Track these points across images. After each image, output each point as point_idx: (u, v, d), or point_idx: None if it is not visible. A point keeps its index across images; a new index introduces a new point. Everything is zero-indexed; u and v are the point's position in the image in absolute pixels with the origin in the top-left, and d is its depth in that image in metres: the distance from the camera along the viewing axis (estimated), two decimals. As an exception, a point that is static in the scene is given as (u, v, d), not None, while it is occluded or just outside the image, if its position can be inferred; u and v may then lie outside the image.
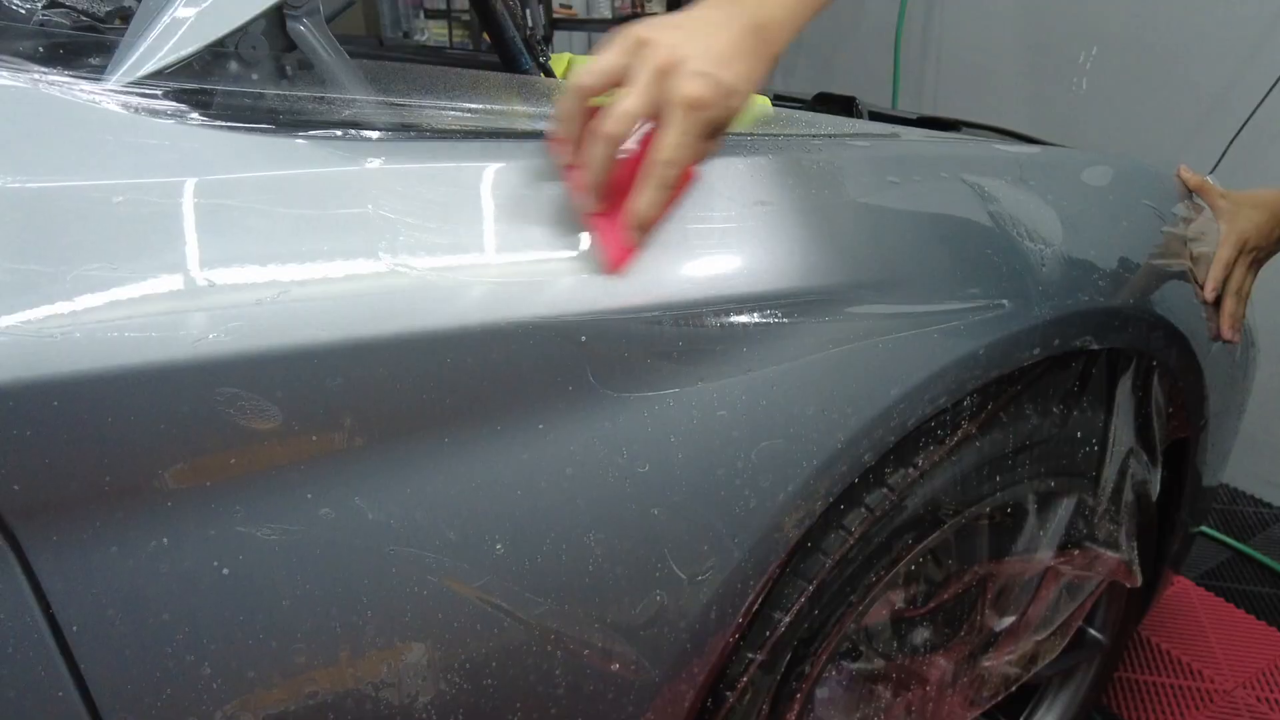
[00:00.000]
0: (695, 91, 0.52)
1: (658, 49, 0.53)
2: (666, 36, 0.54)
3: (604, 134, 0.52)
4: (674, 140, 0.53)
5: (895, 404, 0.68)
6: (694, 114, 0.52)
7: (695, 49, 0.53)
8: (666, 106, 0.53)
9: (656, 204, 0.54)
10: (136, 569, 0.46)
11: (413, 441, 0.52)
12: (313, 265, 0.48)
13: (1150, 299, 0.86)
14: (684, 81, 0.52)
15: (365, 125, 0.54)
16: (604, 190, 0.54)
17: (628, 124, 0.52)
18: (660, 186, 0.53)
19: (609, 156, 0.53)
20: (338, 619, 0.52)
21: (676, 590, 0.63)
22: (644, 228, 0.54)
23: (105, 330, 0.43)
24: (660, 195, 0.54)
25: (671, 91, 0.52)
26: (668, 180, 0.53)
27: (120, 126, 0.48)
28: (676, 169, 0.53)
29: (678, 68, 0.52)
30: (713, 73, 0.53)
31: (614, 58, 0.54)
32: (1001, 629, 0.94)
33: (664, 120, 0.53)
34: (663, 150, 0.53)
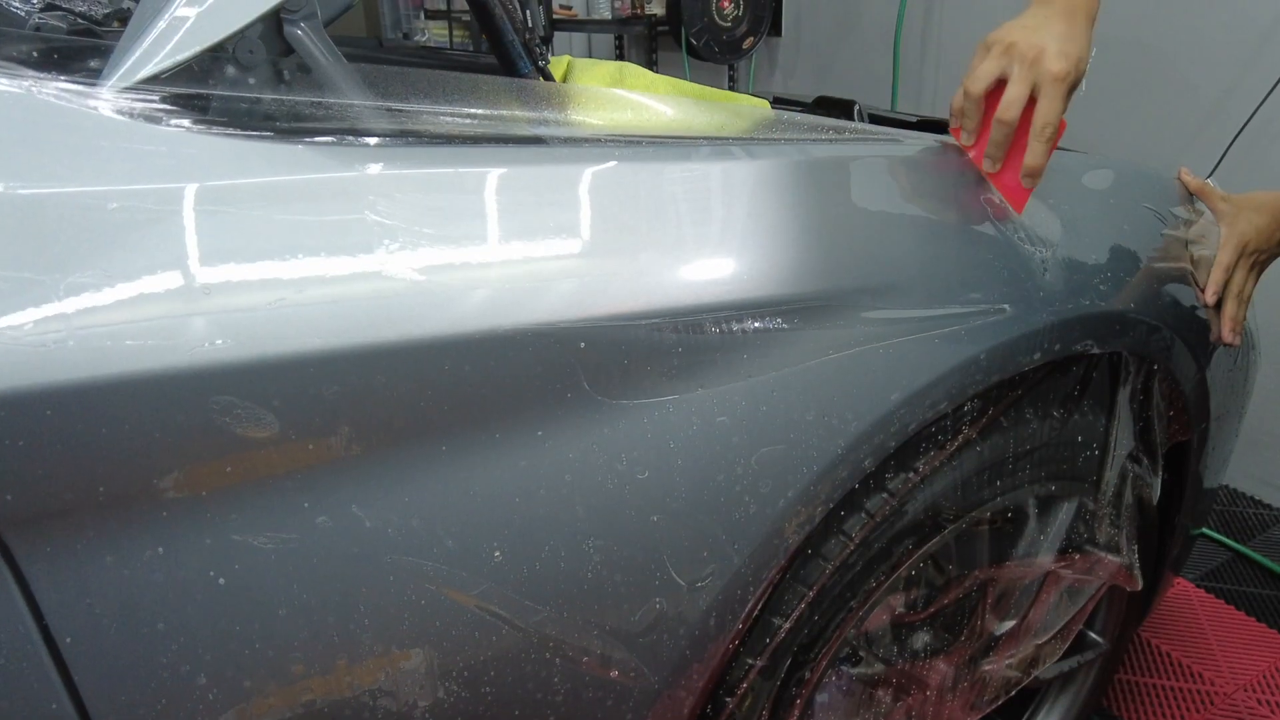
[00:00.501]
0: (1059, 68, 0.70)
1: (1023, 47, 0.72)
2: (1023, 36, 0.72)
3: (1005, 120, 0.72)
4: (1050, 107, 0.71)
5: (896, 409, 0.67)
6: (1060, 84, 0.71)
7: (1046, 39, 0.71)
8: (1039, 84, 0.71)
9: (1044, 154, 0.72)
10: (131, 579, 0.46)
11: (410, 449, 0.52)
12: (309, 272, 0.48)
13: (1151, 303, 0.86)
14: (1049, 61, 0.70)
15: (362, 130, 0.54)
16: (1002, 156, 0.74)
17: (1019, 109, 0.71)
18: (1045, 142, 0.72)
19: (1009, 135, 0.73)
20: (335, 627, 0.52)
21: (676, 597, 0.62)
22: (1034, 175, 0.73)
23: (99, 338, 0.43)
24: (1046, 148, 0.72)
25: (1042, 73, 0.71)
26: (1050, 137, 0.72)
27: (115, 132, 0.47)
28: (1054, 128, 0.72)
29: (1042, 55, 0.71)
30: (1066, 51, 0.71)
31: (992, 64, 0.73)
32: (1002, 633, 0.94)
33: (1039, 94, 0.71)
34: (1043, 115, 0.71)
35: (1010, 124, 0.72)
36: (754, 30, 2.82)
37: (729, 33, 2.79)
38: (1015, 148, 0.73)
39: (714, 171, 0.62)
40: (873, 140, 0.76)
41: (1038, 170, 0.73)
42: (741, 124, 0.75)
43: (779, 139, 0.71)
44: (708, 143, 0.66)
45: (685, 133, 0.69)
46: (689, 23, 2.73)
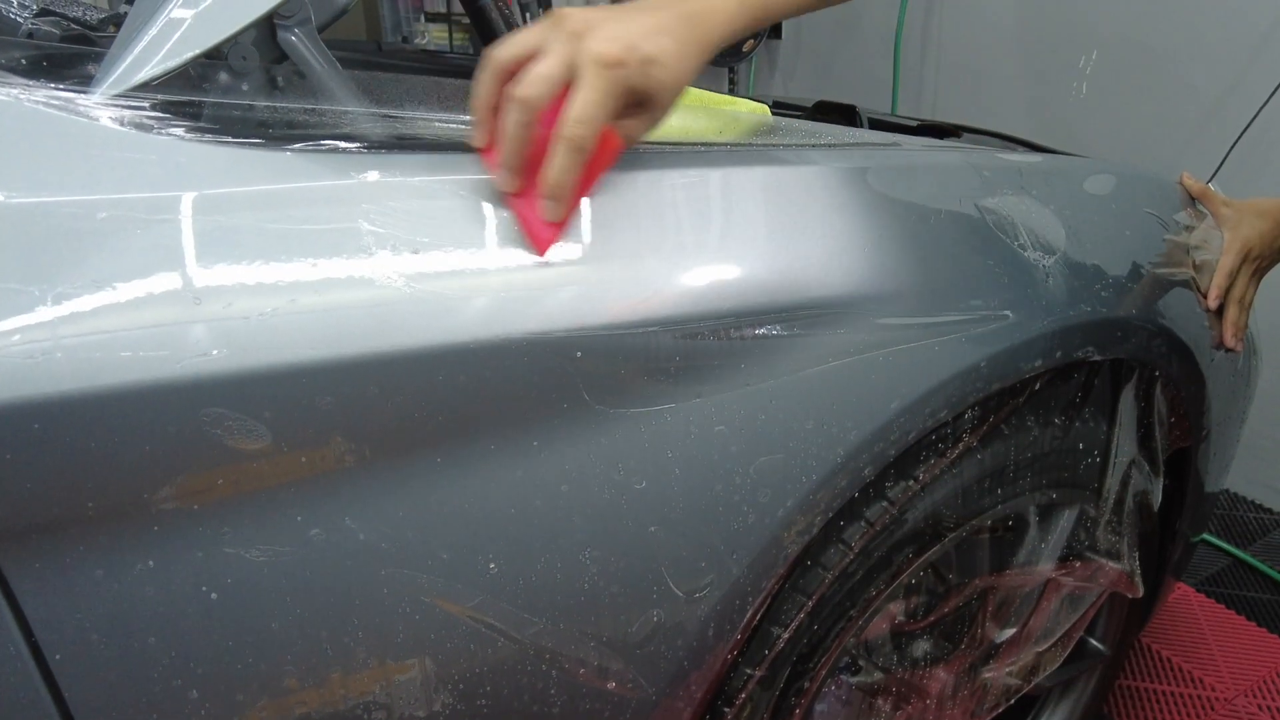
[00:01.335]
0: (606, 49, 0.51)
1: (574, 17, 0.52)
2: (588, 13, 0.52)
3: (518, 98, 0.50)
4: (584, 97, 0.50)
5: (895, 417, 0.67)
6: (605, 72, 0.51)
7: (616, 22, 0.52)
8: (579, 66, 0.51)
9: (568, 169, 0.51)
10: (121, 593, 0.45)
11: (405, 460, 0.51)
12: (302, 281, 0.47)
13: (1153, 308, 0.85)
14: (595, 41, 0.51)
15: (357, 138, 0.53)
16: (522, 166, 0.51)
17: (541, 86, 0.50)
18: (572, 149, 0.50)
19: (525, 124, 0.50)
20: (328, 641, 0.51)
21: (674, 608, 0.62)
22: (558, 198, 0.51)
23: (88, 349, 0.42)
24: (572, 159, 0.51)
25: (582, 52, 0.51)
26: (579, 142, 0.50)
27: (105, 140, 0.47)
28: (587, 128, 0.50)
29: (591, 31, 0.51)
30: (630, 39, 0.52)
31: (531, 33, 0.53)
32: (1002, 640, 0.93)
33: (575, 81, 0.51)
34: (572, 108, 0.50)
35: (524, 105, 0.50)
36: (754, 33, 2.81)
37: (728, 35, 2.78)
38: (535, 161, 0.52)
39: (712, 178, 0.62)
40: (873, 146, 0.76)
41: (561, 190, 0.51)
42: (740, 130, 0.75)
43: (778, 145, 0.71)
44: (706, 149, 0.65)
45: (683, 139, 0.68)
46: (688, 25, 2.72)
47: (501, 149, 0.51)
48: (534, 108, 0.50)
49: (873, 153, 0.73)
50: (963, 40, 2.39)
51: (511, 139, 0.50)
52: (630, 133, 0.55)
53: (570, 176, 0.51)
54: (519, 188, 0.52)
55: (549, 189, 0.51)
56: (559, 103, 0.51)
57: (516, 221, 0.52)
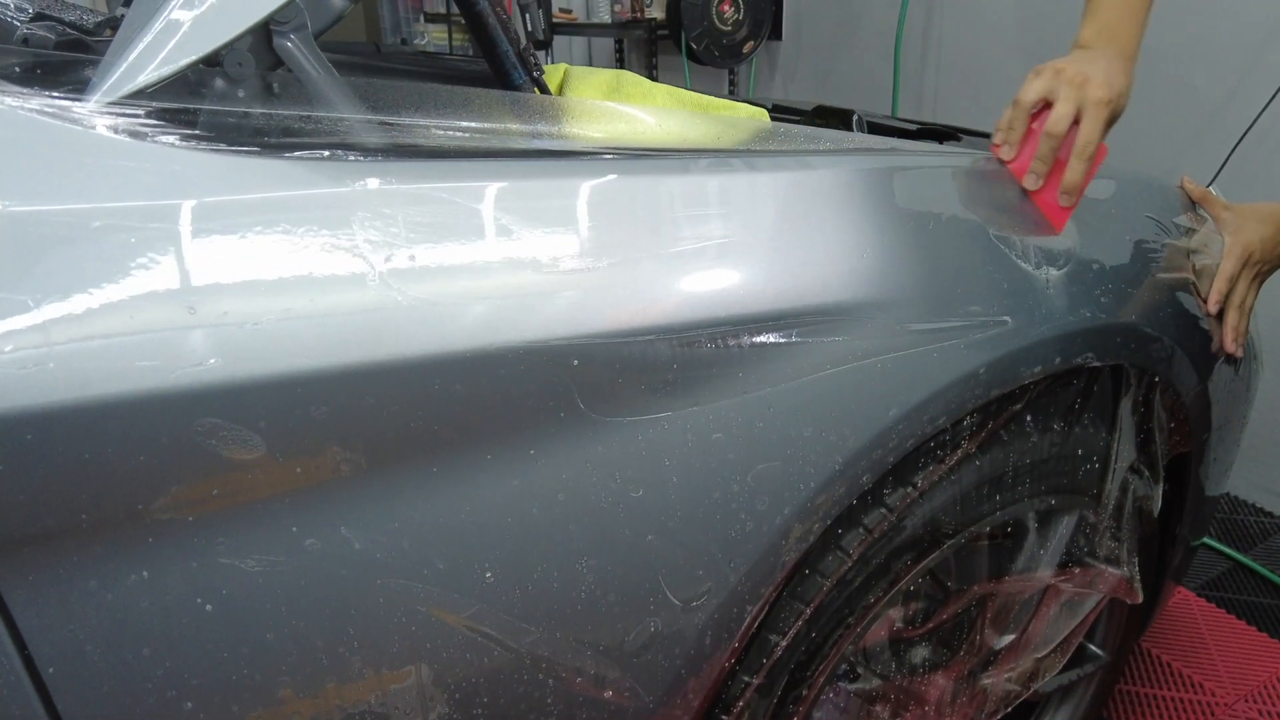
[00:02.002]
0: (1102, 94, 0.77)
1: (1070, 73, 0.78)
2: (1070, 65, 0.79)
3: (1051, 133, 0.76)
4: (1092, 127, 0.76)
5: (894, 425, 0.66)
6: (1102, 107, 0.77)
7: (1092, 70, 0.78)
8: (1084, 106, 0.77)
9: (1083, 173, 0.76)
10: (115, 604, 0.45)
11: (400, 470, 0.51)
12: (297, 290, 0.47)
13: (1153, 314, 0.85)
14: (1094, 88, 0.77)
15: (353, 145, 0.53)
16: (1046, 174, 0.77)
17: (1065, 124, 0.76)
18: (1085, 160, 0.76)
19: (1054, 150, 0.76)
20: (324, 651, 0.51)
21: (671, 616, 0.62)
22: (1073, 193, 0.77)
23: (82, 359, 0.42)
24: (1085, 166, 0.76)
25: (1086, 96, 0.77)
26: (1090, 155, 0.76)
27: (100, 148, 0.47)
28: (1094, 146, 0.76)
29: (1088, 81, 0.77)
30: (1109, 83, 0.78)
31: (1042, 84, 0.78)
32: (1001, 647, 0.93)
33: (1082, 116, 0.77)
34: (1085, 134, 0.76)
35: (1057, 137, 0.76)
36: (754, 34, 2.81)
37: (729, 37, 2.78)
38: (1055, 168, 0.77)
39: (710, 185, 0.61)
40: (871, 152, 0.76)
41: (1077, 188, 0.77)
42: (738, 136, 0.74)
43: (776, 151, 0.70)
44: (703, 156, 0.65)
45: (681, 145, 0.68)
46: (689, 27, 2.72)
47: (1035, 163, 0.77)
48: (1060, 138, 0.76)
49: (871, 159, 0.73)
50: (963, 41, 2.39)
51: (1043, 158, 0.77)
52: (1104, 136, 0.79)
53: (1083, 179, 0.77)
54: (1040, 187, 0.78)
55: (1068, 186, 0.76)
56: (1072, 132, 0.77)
57: (1038, 208, 0.77)
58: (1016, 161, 0.79)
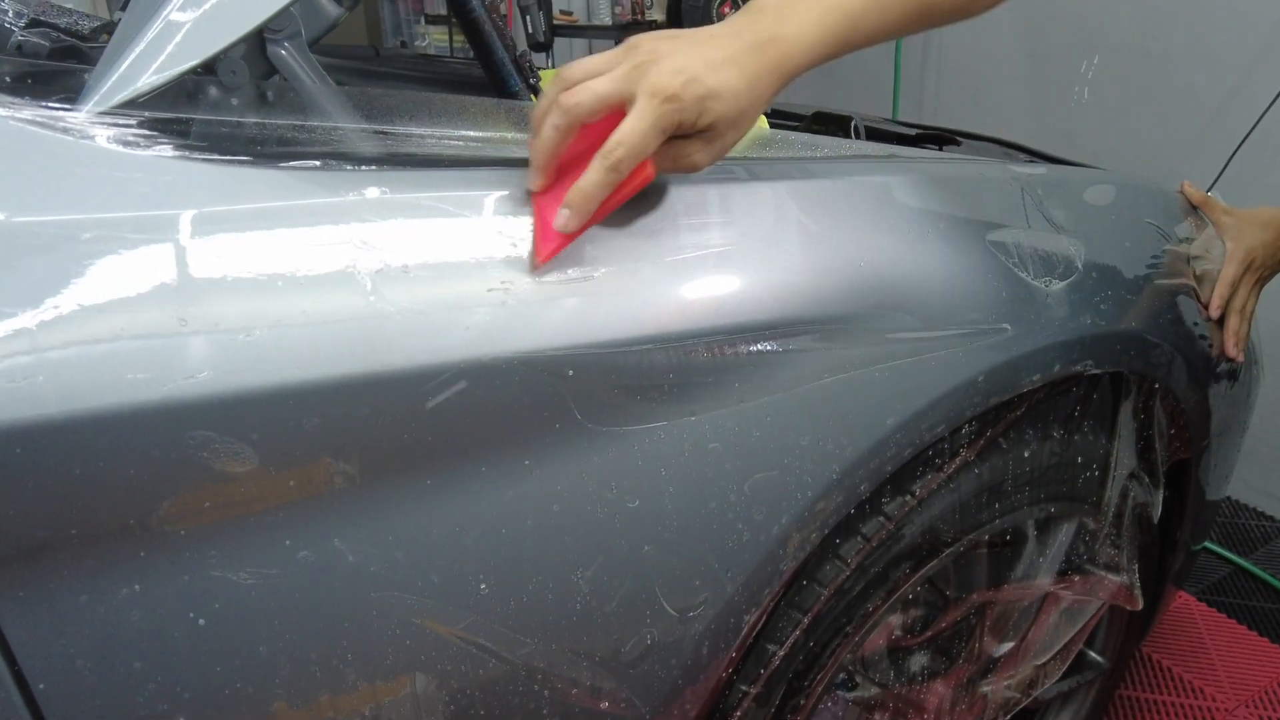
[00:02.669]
0: (664, 82, 0.51)
1: (644, 47, 0.53)
2: (660, 42, 0.53)
3: (563, 104, 0.51)
4: (631, 124, 0.51)
5: (892, 433, 0.66)
6: (658, 104, 0.51)
7: (684, 53, 0.52)
8: (636, 94, 0.52)
9: (597, 185, 0.51)
10: (107, 618, 0.45)
11: (394, 481, 0.50)
12: (290, 301, 0.47)
13: (1153, 320, 0.85)
14: (656, 73, 0.51)
15: (347, 154, 0.53)
16: (549, 168, 0.53)
17: (590, 100, 0.51)
18: (605, 168, 0.51)
19: (560, 128, 0.52)
20: (317, 663, 0.51)
21: (667, 626, 0.61)
22: (578, 210, 0.51)
23: (72, 372, 0.42)
24: (603, 177, 0.51)
25: (642, 81, 0.51)
26: (615, 162, 0.51)
27: (91, 158, 0.46)
28: (625, 152, 0.51)
29: (657, 62, 0.52)
30: (692, 72, 0.52)
31: (606, 56, 0.54)
32: (1000, 654, 0.93)
33: (631, 106, 0.52)
34: (619, 131, 0.51)
35: (567, 111, 0.51)
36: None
37: (729, 39, 2.78)
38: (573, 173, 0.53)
39: (707, 193, 0.61)
40: (868, 159, 0.75)
41: (583, 202, 0.51)
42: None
43: (773, 159, 0.70)
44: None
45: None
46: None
47: (533, 148, 0.52)
48: (572, 115, 0.51)
49: (869, 166, 0.72)
50: (964, 44, 2.39)
51: (545, 139, 0.52)
52: (696, 159, 0.55)
53: (598, 191, 0.52)
54: (542, 188, 0.53)
55: (573, 199, 0.51)
56: (610, 123, 0.52)
57: (533, 220, 0.53)
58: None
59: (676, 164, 0.55)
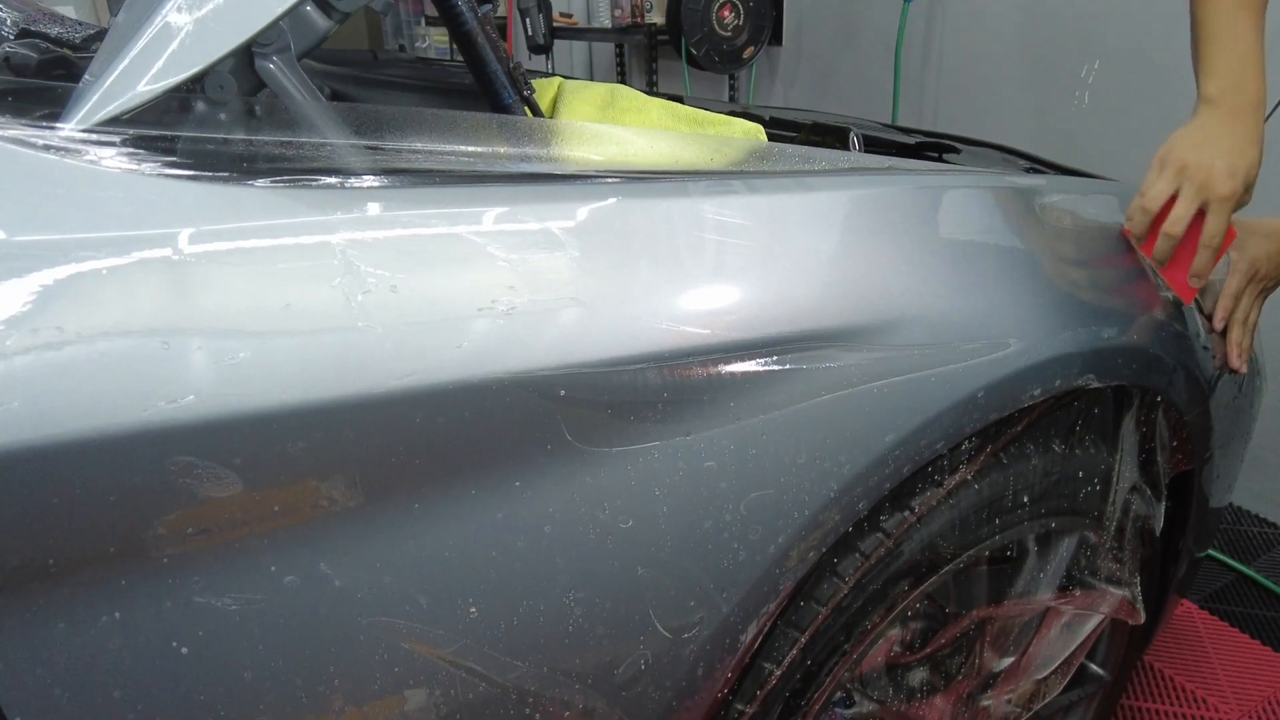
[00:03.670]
0: (1226, 190, 0.78)
1: (1193, 170, 0.79)
2: (1194, 157, 0.79)
3: (1170, 234, 0.80)
4: (1215, 223, 0.79)
5: (891, 450, 0.65)
6: (1227, 204, 0.78)
7: (1214, 157, 0.78)
8: (1209, 203, 0.78)
9: (1210, 261, 0.80)
10: (85, 646, 0.44)
11: (382, 505, 0.50)
12: (275, 322, 0.46)
13: (1155, 333, 0.83)
14: (1218, 184, 0.78)
15: (335, 171, 0.52)
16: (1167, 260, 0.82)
17: (1183, 226, 0.79)
18: (1212, 250, 0.80)
19: (1174, 245, 0.80)
20: (303, 690, 0.50)
21: (662, 648, 0.60)
22: (1201, 277, 0.81)
23: (50, 397, 0.41)
24: (1213, 256, 0.80)
25: (1211, 194, 0.78)
26: (1215, 246, 0.79)
27: (72, 177, 0.45)
28: (1219, 239, 0.79)
29: (1210, 177, 0.77)
30: (1234, 167, 0.78)
31: (1166, 185, 0.80)
32: (1000, 669, 0.92)
33: (1209, 211, 0.79)
34: (1210, 230, 0.79)
35: (1175, 238, 0.79)
36: (754, 40, 2.80)
37: (729, 42, 2.77)
38: (1184, 247, 0.81)
39: (702, 209, 0.60)
40: (867, 173, 0.74)
41: (1204, 273, 0.81)
42: (731, 157, 0.73)
43: (770, 173, 0.69)
44: (695, 179, 0.63)
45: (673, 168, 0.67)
46: (689, 32, 2.71)
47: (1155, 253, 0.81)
48: (1179, 238, 0.79)
49: (867, 180, 0.71)
50: (964, 48, 2.38)
51: (1163, 251, 0.81)
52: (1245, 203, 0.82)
53: (1210, 266, 0.81)
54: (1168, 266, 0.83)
55: (1198, 272, 0.81)
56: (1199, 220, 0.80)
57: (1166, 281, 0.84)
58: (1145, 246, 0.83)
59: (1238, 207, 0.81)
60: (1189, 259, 0.81)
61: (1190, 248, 0.80)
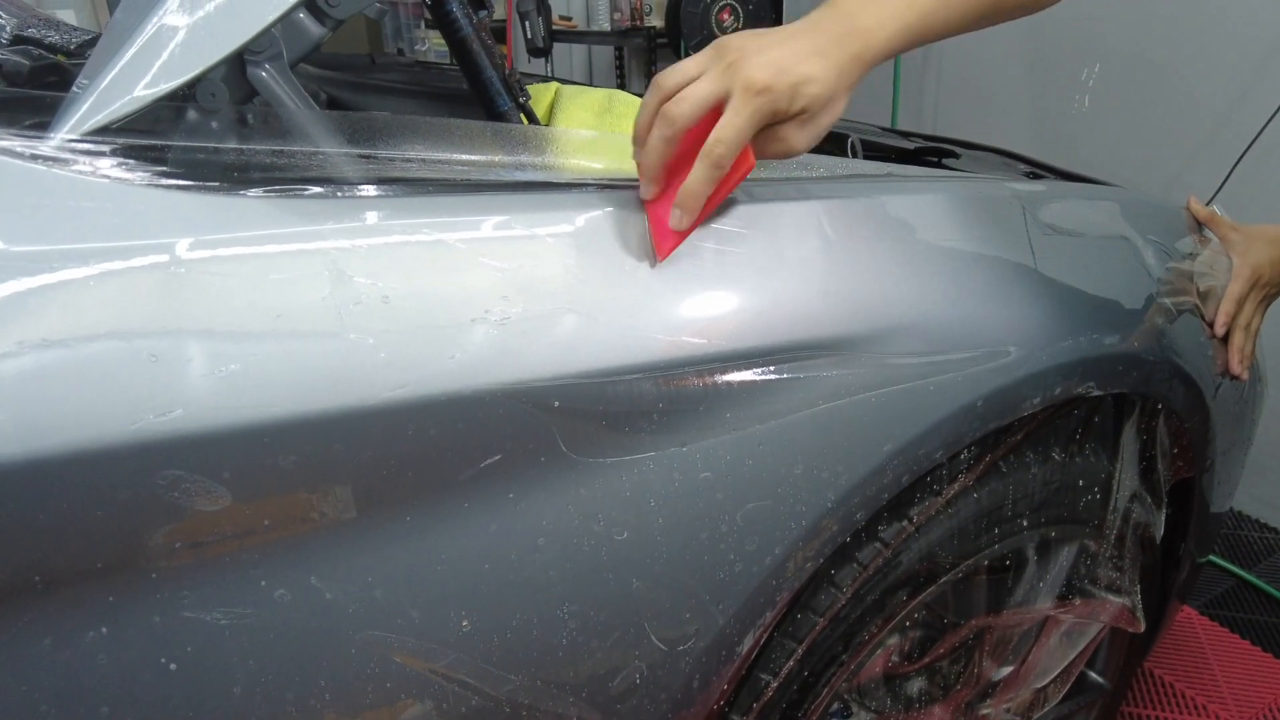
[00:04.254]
0: (756, 75, 0.54)
1: (732, 45, 0.56)
2: (746, 40, 0.56)
3: (669, 115, 0.54)
4: (728, 119, 0.54)
5: (889, 460, 0.65)
6: (753, 97, 0.54)
7: (771, 48, 0.55)
8: (731, 90, 0.54)
9: (703, 181, 0.54)
10: (72, 662, 0.43)
11: (373, 518, 0.49)
12: (265, 334, 0.45)
13: (1156, 340, 0.83)
14: (747, 68, 0.54)
15: (327, 180, 0.51)
16: (661, 176, 0.56)
17: (691, 107, 0.54)
18: (709, 165, 0.54)
19: (668, 139, 0.55)
20: (294, 705, 0.50)
21: (657, 661, 0.60)
22: (688, 208, 0.55)
23: (35, 411, 0.40)
24: (709, 174, 0.54)
25: (736, 78, 0.54)
26: (717, 159, 0.54)
27: (60, 187, 0.45)
28: (726, 148, 0.54)
29: (746, 59, 0.54)
30: (782, 63, 0.55)
31: (695, 60, 0.57)
32: (999, 678, 0.91)
33: (727, 103, 0.55)
34: (717, 129, 0.54)
35: (672, 121, 0.54)
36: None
37: (729, 45, 2.77)
38: (680, 173, 0.56)
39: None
40: (864, 179, 0.74)
41: (692, 202, 0.55)
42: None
43: (765, 180, 0.68)
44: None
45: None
46: (688, 35, 2.71)
47: (643, 159, 0.56)
48: (678, 124, 0.55)
49: (864, 187, 0.71)
50: (964, 51, 2.37)
51: (653, 150, 0.55)
52: (793, 142, 0.58)
53: (704, 189, 0.55)
54: (655, 195, 0.57)
55: (682, 198, 0.55)
56: (708, 123, 0.55)
57: (648, 225, 0.57)
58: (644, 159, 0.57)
59: (775, 149, 0.58)
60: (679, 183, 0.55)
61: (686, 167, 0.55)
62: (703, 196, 0.55)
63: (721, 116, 0.54)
